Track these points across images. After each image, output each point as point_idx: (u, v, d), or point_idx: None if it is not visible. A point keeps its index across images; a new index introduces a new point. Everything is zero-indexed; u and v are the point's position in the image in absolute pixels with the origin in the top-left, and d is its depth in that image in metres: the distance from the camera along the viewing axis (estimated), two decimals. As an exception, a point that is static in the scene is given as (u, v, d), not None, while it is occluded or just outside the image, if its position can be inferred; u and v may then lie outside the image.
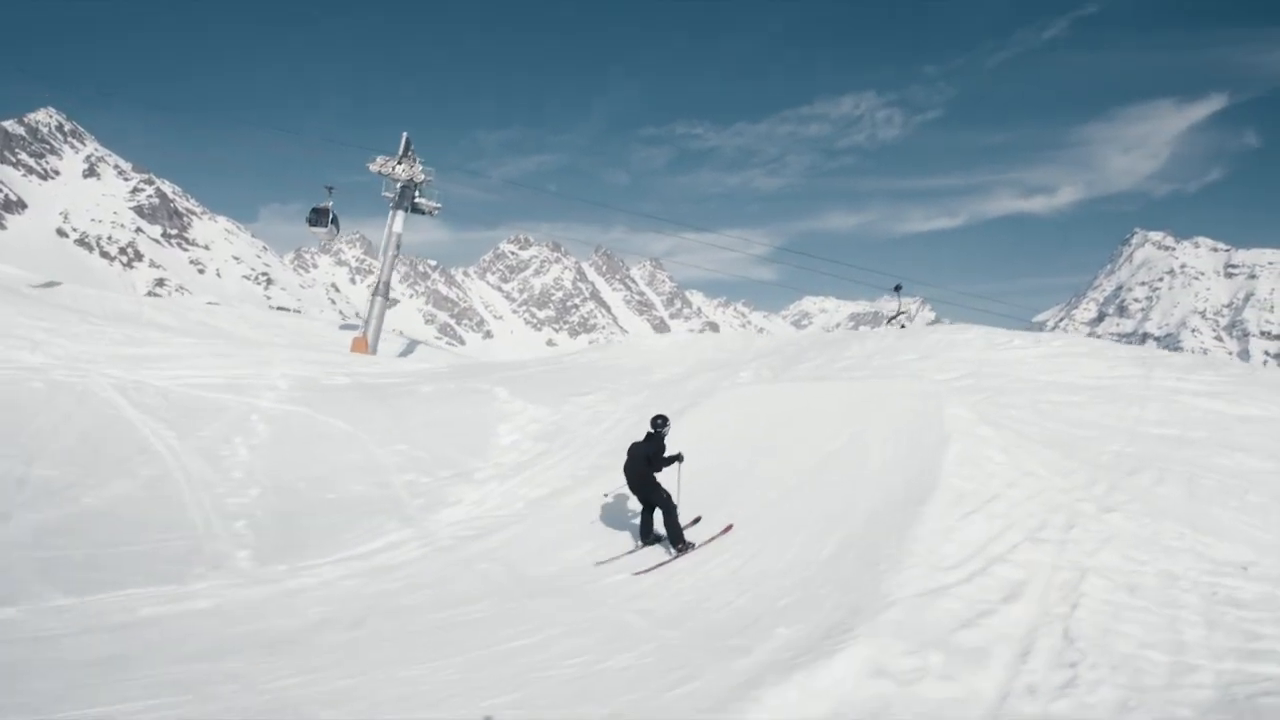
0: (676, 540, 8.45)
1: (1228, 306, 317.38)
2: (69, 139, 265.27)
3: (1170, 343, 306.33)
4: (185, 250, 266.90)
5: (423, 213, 31.11)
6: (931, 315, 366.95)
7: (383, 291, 31.13)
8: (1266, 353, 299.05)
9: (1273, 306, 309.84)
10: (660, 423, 8.88)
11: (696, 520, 9.05)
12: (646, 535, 8.85)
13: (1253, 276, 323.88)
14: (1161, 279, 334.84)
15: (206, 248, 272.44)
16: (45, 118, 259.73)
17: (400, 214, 29.78)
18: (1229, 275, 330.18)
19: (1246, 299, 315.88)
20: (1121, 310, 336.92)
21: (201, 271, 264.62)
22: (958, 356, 13.89)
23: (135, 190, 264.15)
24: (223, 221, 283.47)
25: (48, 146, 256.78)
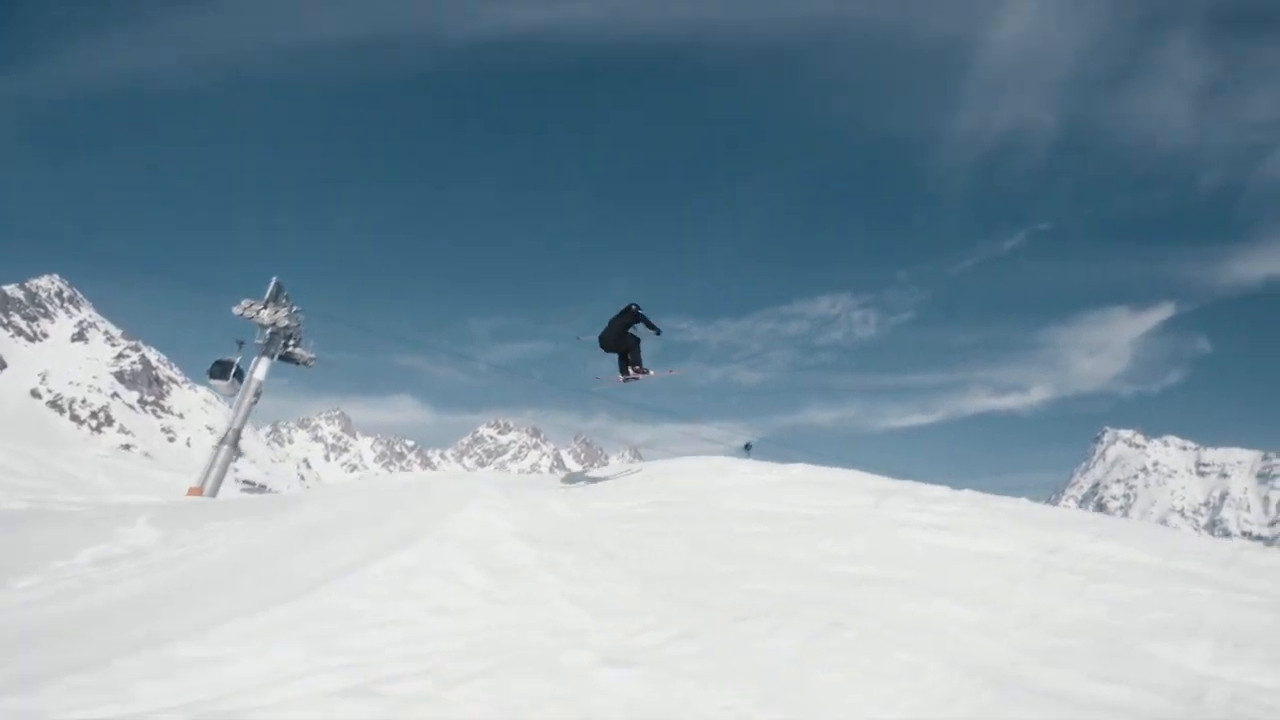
0: (638, 364, 13.12)
1: (1205, 505, 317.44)
2: (65, 304, 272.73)
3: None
4: (159, 418, 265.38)
5: (297, 363, 30.00)
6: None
7: (231, 440, 29.27)
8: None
9: (1249, 506, 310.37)
10: (636, 308, 13.23)
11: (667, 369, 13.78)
12: (624, 371, 13.35)
13: (1224, 475, 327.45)
14: (1136, 476, 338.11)
15: (181, 416, 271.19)
16: (47, 283, 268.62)
17: (265, 362, 28.64)
18: (1201, 474, 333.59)
19: (1222, 498, 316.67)
20: (1100, 508, 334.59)
21: (171, 440, 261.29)
22: (669, 484, 12.46)
23: (120, 356, 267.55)
24: (202, 391, 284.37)
25: (42, 310, 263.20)
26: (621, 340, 12.98)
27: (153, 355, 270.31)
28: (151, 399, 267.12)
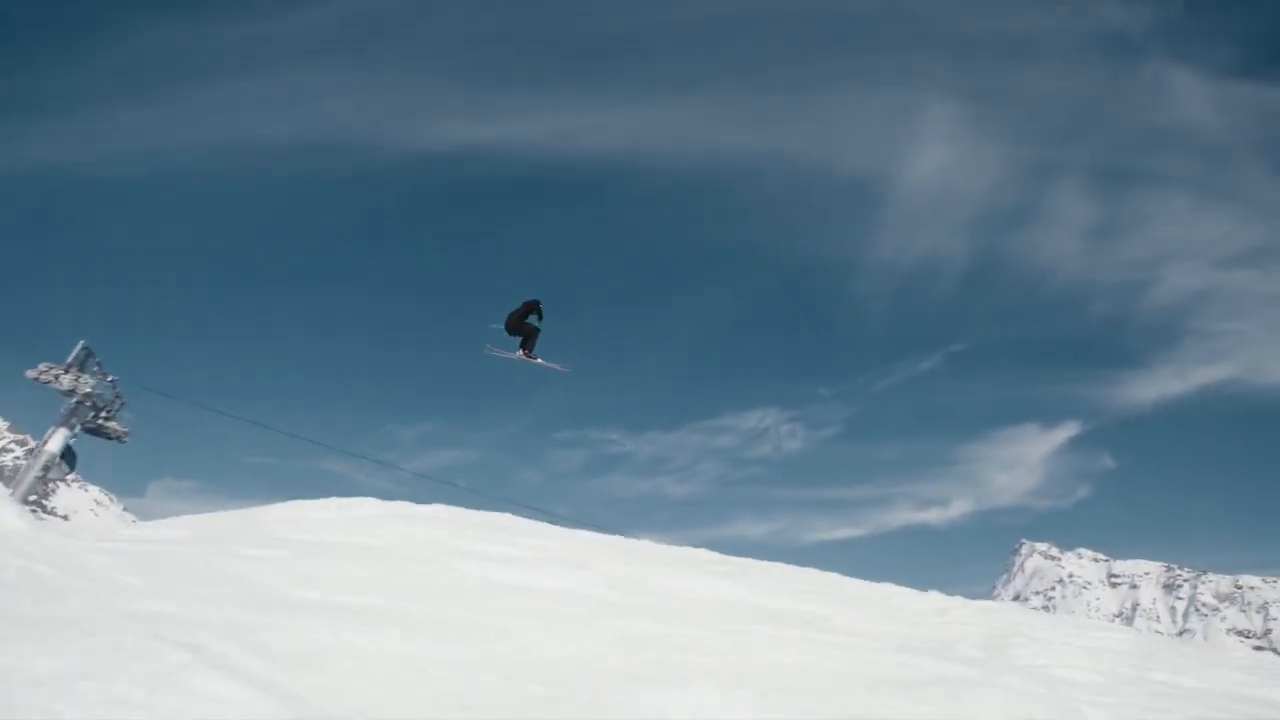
0: (529, 349, 15.64)
1: (1119, 616, 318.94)
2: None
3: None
4: (40, 519, 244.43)
5: (109, 437, 27.65)
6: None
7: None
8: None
9: (1158, 616, 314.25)
10: (537, 303, 16.03)
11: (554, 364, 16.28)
12: (519, 349, 15.96)
13: (1134, 587, 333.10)
14: (1054, 588, 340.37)
15: (66, 518, 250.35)
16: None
17: (62, 433, 26.13)
18: (1113, 585, 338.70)
19: (1134, 609, 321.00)
20: None
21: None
22: (277, 515, 11.73)
23: (2, 450, 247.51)
24: (94, 491, 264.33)
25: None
26: (520, 328, 15.92)
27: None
28: (34, 498, 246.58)
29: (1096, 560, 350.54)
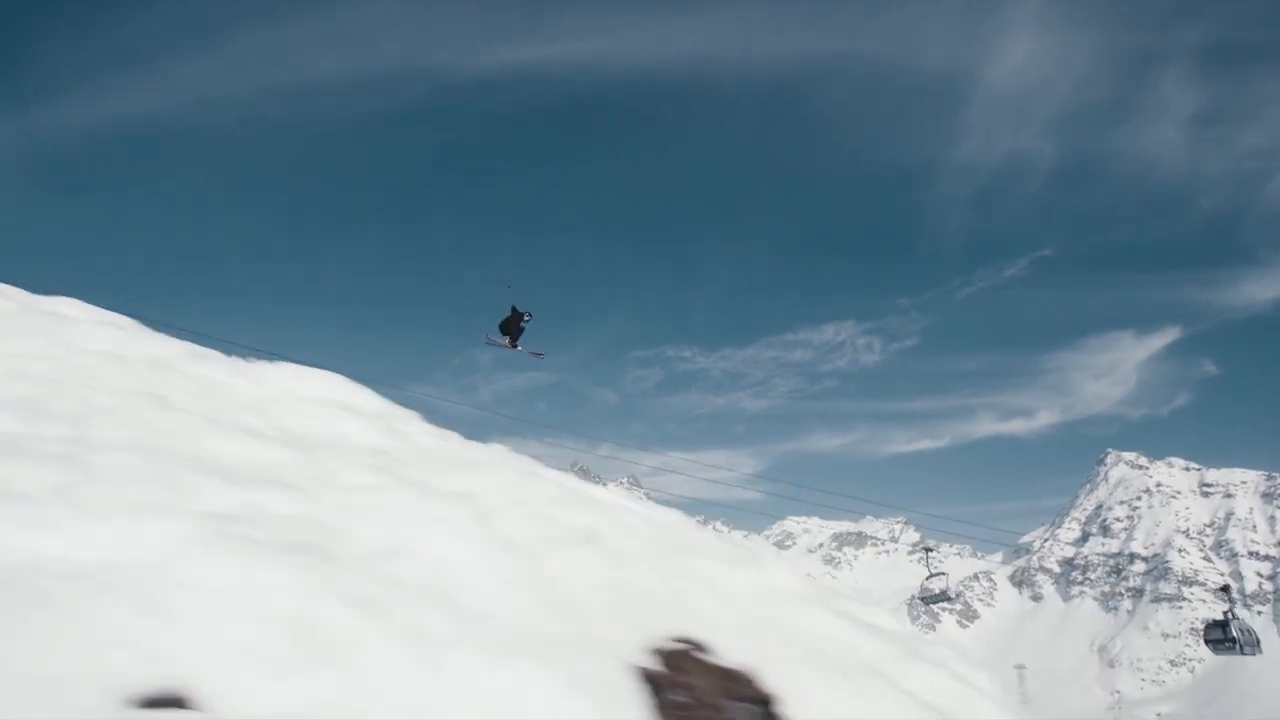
0: (515, 341, 22.27)
1: (1210, 526, 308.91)
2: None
3: (1158, 563, 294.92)
4: None
5: None
6: (916, 536, 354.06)
7: None
8: (1259, 573, 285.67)
9: (1255, 526, 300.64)
10: (527, 314, 22.00)
11: (531, 350, 22.98)
12: (509, 342, 22.34)
13: (1229, 495, 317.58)
14: (1139, 498, 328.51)
15: None
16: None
17: None
18: (1205, 494, 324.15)
19: (1228, 518, 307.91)
20: (1105, 530, 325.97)
21: None
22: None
23: None
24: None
25: None
26: (509, 327, 22.15)
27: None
28: None
29: (1188, 469, 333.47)
